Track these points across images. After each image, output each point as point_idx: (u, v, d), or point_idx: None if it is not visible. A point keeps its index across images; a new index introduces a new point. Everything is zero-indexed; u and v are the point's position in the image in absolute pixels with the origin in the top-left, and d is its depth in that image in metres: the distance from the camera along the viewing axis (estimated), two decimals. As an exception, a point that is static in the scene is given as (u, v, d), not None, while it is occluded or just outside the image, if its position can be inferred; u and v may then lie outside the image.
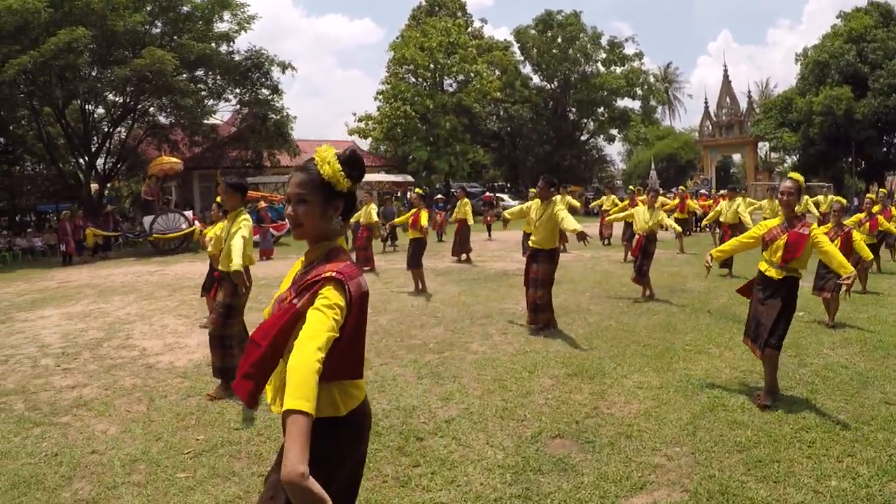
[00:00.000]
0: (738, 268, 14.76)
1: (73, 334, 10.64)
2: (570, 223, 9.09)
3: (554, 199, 9.64)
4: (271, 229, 24.70)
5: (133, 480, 4.98)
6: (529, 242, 9.88)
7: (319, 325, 2.33)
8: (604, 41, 55.26)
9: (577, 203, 18.79)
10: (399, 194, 44.55)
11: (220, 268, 7.02)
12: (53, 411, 6.69)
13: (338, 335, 2.37)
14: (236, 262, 6.36)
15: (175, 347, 9.37)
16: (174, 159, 29.68)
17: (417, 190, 16.12)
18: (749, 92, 60.24)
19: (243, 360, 2.56)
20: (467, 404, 6.38)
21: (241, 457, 5.31)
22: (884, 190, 25.89)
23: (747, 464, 4.91)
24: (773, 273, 6.31)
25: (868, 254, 9.53)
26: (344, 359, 2.52)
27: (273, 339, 2.47)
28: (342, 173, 2.63)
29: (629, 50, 55.65)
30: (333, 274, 2.50)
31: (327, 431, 2.52)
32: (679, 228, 12.81)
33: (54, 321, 11.97)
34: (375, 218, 16.51)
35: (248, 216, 7.06)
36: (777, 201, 7.12)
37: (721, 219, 16.05)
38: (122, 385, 7.56)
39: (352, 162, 2.68)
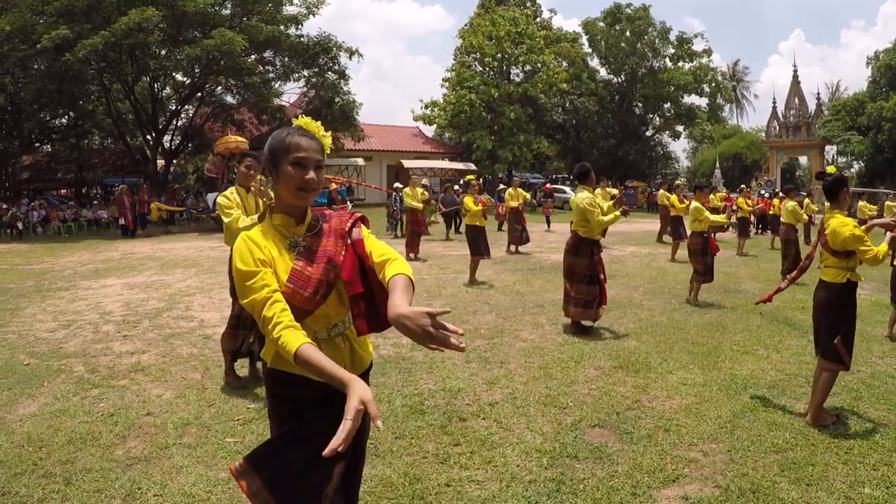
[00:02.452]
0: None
1: (135, 303, 11.01)
2: (604, 220, 9.04)
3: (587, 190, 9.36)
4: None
5: (184, 442, 5.20)
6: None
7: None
8: (672, 36, 54.59)
9: (614, 191, 18.67)
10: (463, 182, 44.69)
11: None
12: (112, 375, 6.98)
13: None
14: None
15: (232, 321, 9.63)
16: (240, 138, 29.90)
17: (469, 177, 16.25)
18: (818, 94, 59.00)
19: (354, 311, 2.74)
20: (512, 389, 6.50)
21: (288, 427, 5.48)
22: None
23: (782, 465, 4.93)
24: (861, 278, 6.02)
25: None
26: None
27: (366, 280, 2.76)
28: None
29: (698, 46, 54.96)
30: (360, 215, 2.83)
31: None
32: (722, 220, 12.48)
33: (116, 290, 12.37)
34: (415, 203, 16.72)
35: None
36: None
37: (783, 218, 15.82)
38: (178, 353, 7.84)
39: None
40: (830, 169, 6.16)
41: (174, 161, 39.26)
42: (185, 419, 5.66)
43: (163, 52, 30.71)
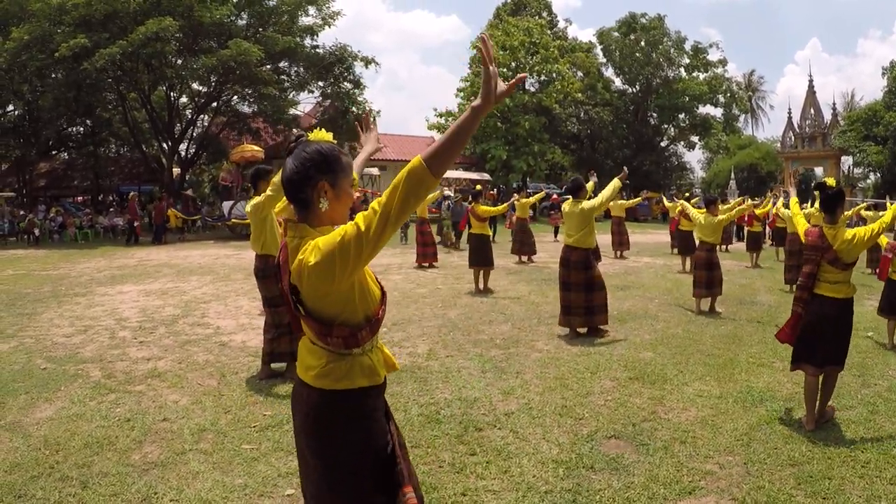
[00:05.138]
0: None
1: (151, 310, 11.08)
2: (606, 193, 9.38)
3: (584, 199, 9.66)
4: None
5: (200, 448, 5.23)
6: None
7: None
8: (687, 46, 54.53)
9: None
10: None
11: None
12: (128, 380, 7.03)
13: None
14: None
15: (248, 328, 9.69)
16: (256, 147, 30.30)
17: (478, 186, 16.28)
18: (833, 104, 58.73)
19: None
20: (527, 399, 6.50)
21: (304, 435, 5.50)
22: None
23: (798, 478, 4.90)
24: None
25: None
26: None
27: None
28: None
29: (713, 56, 54.96)
30: None
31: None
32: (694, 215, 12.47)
33: (132, 297, 12.44)
34: (422, 213, 16.80)
35: None
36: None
37: (790, 230, 15.78)
38: (195, 360, 7.89)
39: None
40: (830, 181, 6.17)
41: (190, 169, 39.45)
42: (202, 425, 5.69)
43: (179, 62, 30.94)
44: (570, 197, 9.89)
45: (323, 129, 2.74)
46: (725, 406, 6.48)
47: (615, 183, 9.55)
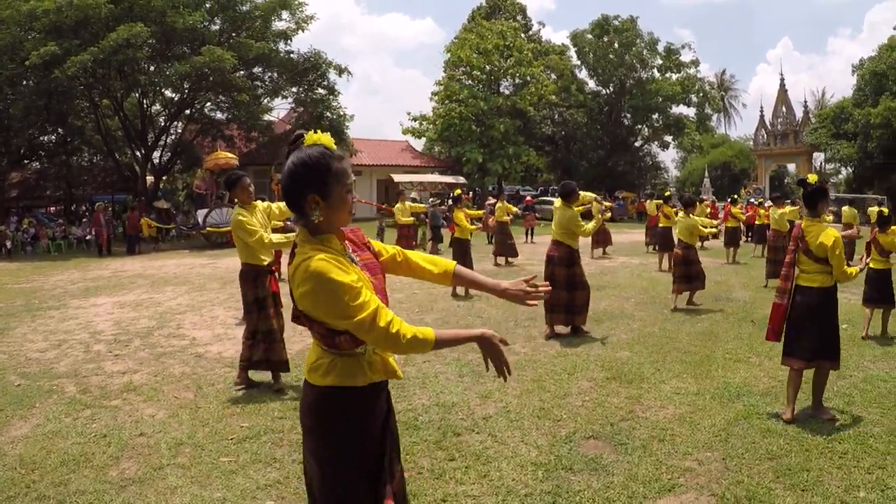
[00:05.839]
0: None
1: (125, 322, 10.98)
2: (588, 228, 9.52)
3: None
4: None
5: (178, 462, 5.18)
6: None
7: None
8: (660, 47, 54.84)
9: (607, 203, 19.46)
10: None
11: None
12: (104, 395, 6.95)
13: None
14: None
15: (224, 338, 9.62)
16: (230, 154, 30.15)
17: (457, 191, 16.23)
18: (805, 101, 59.50)
19: None
20: (505, 403, 6.50)
21: (282, 444, 5.48)
22: None
23: (777, 471, 4.95)
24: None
25: None
26: None
27: None
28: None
29: (685, 57, 55.18)
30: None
31: None
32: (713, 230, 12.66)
33: (107, 309, 12.33)
34: (405, 219, 16.75)
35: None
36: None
37: (772, 225, 15.93)
38: (171, 372, 7.82)
39: None
40: (812, 178, 6.32)
41: (163, 177, 39.20)
42: (179, 439, 5.64)
43: (152, 68, 30.72)
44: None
45: (319, 132, 2.71)
46: (703, 402, 6.53)
47: (599, 219, 9.64)
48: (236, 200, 7.02)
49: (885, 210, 10.25)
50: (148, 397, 6.84)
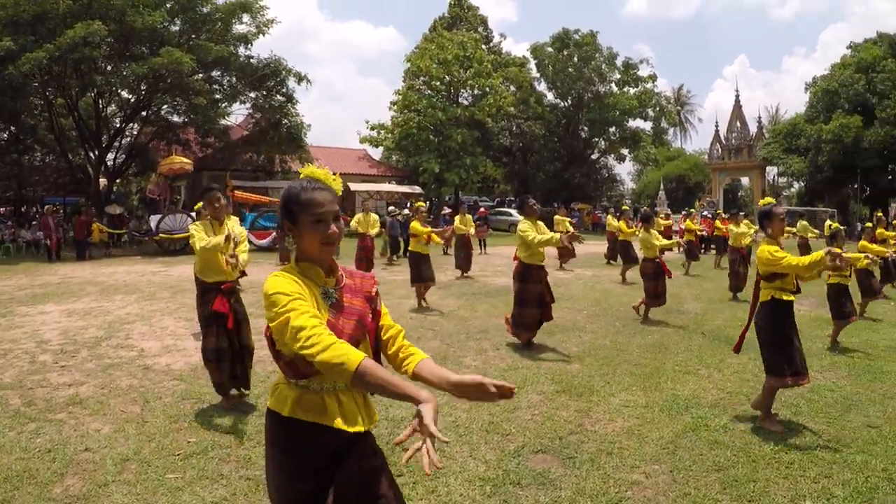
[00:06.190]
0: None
1: (73, 331, 10.77)
2: (541, 240, 9.26)
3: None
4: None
5: (124, 479, 5.08)
6: None
7: None
8: (619, 62, 55.43)
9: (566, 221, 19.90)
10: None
11: (233, 277, 6.87)
12: (49, 408, 6.80)
13: None
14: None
15: (173, 350, 9.49)
16: (185, 159, 29.81)
17: (419, 203, 16.16)
18: (759, 117, 60.71)
19: None
20: (454, 417, 6.48)
21: (230, 460, 5.41)
22: (879, 213, 26.19)
23: (724, 483, 5.00)
24: (791, 298, 6.35)
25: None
26: None
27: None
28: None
29: (643, 71, 55.84)
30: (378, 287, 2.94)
31: None
32: (670, 244, 12.81)
33: (54, 317, 12.11)
34: (375, 229, 16.62)
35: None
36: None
37: (731, 243, 16.13)
38: (118, 385, 7.67)
39: None
40: (764, 200, 6.49)
41: (117, 180, 38.58)
42: (125, 454, 5.53)
43: (109, 68, 30.16)
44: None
45: (313, 165, 2.89)
46: (651, 415, 6.58)
47: (553, 238, 9.47)
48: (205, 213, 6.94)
49: (836, 224, 10.56)
50: (94, 411, 6.71)
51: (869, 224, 13.80)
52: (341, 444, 2.69)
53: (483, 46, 50.74)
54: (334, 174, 2.85)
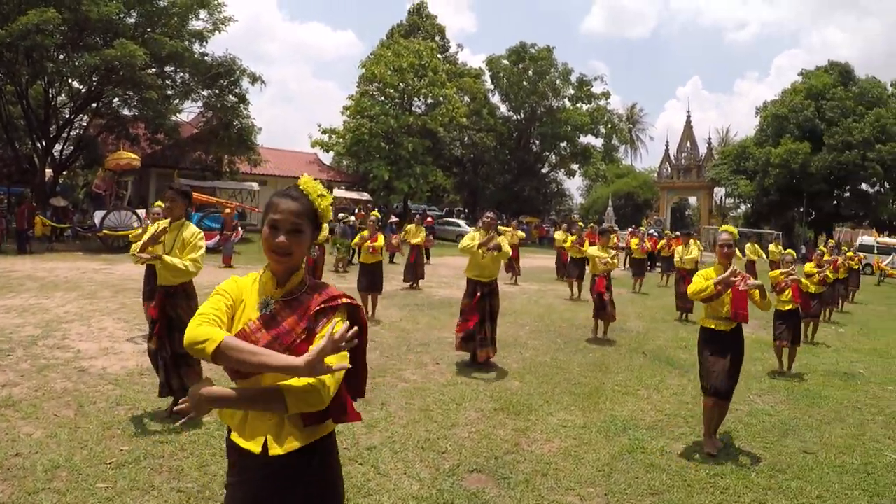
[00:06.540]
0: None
1: (9, 329, 10.51)
2: (471, 246, 9.35)
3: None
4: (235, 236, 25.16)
5: (54, 487, 4.98)
6: None
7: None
8: (573, 78, 55.98)
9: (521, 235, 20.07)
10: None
11: (172, 282, 6.72)
12: (-21, 410, 6.65)
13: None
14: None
15: (110, 352, 9.30)
16: (132, 155, 29.33)
17: (375, 213, 16.09)
18: (709, 138, 61.76)
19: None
20: (391, 433, 6.45)
21: (162, 471, 5.32)
22: (832, 241, 26.81)
23: (657, 508, 5.06)
24: (723, 327, 6.44)
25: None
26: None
27: None
28: (331, 207, 2.79)
29: (597, 88, 56.55)
30: (347, 300, 2.65)
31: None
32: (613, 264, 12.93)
33: (-10, 314, 11.83)
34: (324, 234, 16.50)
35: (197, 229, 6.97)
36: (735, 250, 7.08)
37: (676, 264, 16.19)
38: (52, 388, 7.50)
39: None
40: (723, 227, 6.69)
41: (63, 172, 37.83)
42: (56, 461, 5.41)
43: (61, 57, 29.60)
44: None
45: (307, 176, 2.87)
46: (589, 436, 6.63)
47: (472, 247, 9.42)
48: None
49: (791, 251, 10.84)
50: (27, 414, 6.56)
51: (822, 248, 14.15)
52: (270, 470, 2.54)
53: (439, 56, 50.83)
54: (328, 193, 2.79)
